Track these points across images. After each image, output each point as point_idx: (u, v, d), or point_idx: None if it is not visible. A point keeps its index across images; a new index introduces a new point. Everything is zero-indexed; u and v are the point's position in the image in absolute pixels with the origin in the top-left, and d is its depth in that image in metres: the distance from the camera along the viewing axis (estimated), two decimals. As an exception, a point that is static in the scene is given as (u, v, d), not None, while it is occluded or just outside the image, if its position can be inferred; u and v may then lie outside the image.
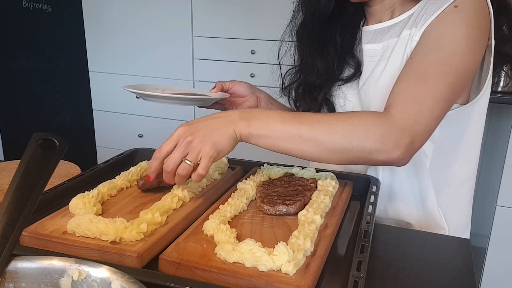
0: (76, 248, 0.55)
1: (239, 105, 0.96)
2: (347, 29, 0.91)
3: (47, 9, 2.49)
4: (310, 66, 0.93)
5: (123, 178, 0.75)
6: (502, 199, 1.87)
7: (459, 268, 0.60)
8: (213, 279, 0.50)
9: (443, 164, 0.86)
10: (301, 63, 0.97)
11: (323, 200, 0.67)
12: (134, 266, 0.53)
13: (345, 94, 0.92)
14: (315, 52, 0.92)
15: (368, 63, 0.88)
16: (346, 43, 0.91)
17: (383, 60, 0.85)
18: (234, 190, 0.72)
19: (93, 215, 0.60)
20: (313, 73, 0.93)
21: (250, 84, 0.97)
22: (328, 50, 0.92)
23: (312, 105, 0.95)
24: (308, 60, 0.93)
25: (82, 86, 2.68)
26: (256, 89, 0.98)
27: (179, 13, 2.38)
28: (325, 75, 0.92)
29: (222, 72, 2.38)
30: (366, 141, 0.67)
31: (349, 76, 0.91)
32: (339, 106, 0.93)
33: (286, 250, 0.51)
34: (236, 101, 0.96)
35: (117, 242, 0.55)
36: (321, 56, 0.92)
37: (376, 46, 0.88)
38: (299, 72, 0.98)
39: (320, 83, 0.93)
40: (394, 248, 0.67)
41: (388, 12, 0.88)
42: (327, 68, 0.92)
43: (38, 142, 0.50)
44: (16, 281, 0.44)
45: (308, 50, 0.93)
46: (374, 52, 0.87)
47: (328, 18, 0.89)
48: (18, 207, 0.45)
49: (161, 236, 0.58)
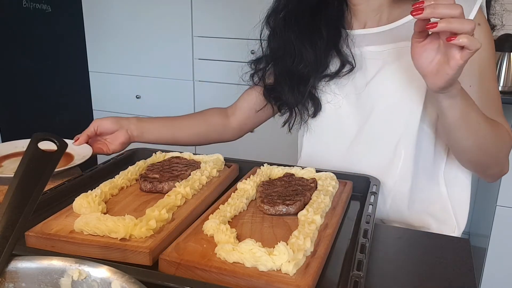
0: (85, 247, 0.56)
1: (110, 143, 0.97)
2: (331, 24, 0.90)
3: (47, 9, 2.49)
4: (297, 54, 0.91)
5: (123, 177, 0.75)
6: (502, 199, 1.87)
7: (459, 268, 0.60)
8: (213, 279, 0.50)
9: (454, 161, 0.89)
10: (284, 52, 0.93)
11: (323, 200, 0.67)
12: (146, 262, 0.54)
13: (333, 90, 0.91)
14: (305, 40, 0.90)
15: (372, 64, 0.88)
16: (332, 37, 0.89)
17: (390, 62, 0.85)
18: (234, 190, 0.72)
19: (100, 213, 0.61)
20: (300, 61, 0.91)
21: (113, 118, 0.98)
22: (315, 40, 0.90)
23: (299, 97, 0.93)
24: (296, 47, 0.91)
25: (82, 86, 2.68)
26: (122, 120, 0.99)
27: (179, 13, 2.38)
28: (314, 65, 0.90)
29: (222, 72, 2.38)
30: (500, 152, 0.78)
31: (336, 71, 0.89)
32: (325, 101, 0.92)
33: (286, 250, 0.51)
34: (106, 139, 0.98)
35: (127, 240, 0.56)
36: (311, 44, 0.90)
37: (379, 48, 0.87)
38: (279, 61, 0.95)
39: (308, 73, 0.91)
40: (394, 248, 0.67)
41: (375, 14, 0.89)
42: (315, 57, 0.90)
43: (38, 142, 0.50)
44: (16, 281, 0.44)
45: (297, 37, 0.91)
46: (378, 54, 0.87)
47: (313, 9, 0.90)
48: (18, 207, 0.45)
49: (169, 232, 0.59)
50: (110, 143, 0.97)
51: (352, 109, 0.90)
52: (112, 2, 2.49)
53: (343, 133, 0.92)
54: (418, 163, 0.86)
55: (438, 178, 0.89)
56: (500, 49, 2.02)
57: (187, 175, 0.76)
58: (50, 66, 2.58)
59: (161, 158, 0.87)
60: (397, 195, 0.87)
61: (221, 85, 2.38)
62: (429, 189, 0.89)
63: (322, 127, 0.94)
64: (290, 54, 0.92)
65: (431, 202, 0.89)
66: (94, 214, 0.60)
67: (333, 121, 0.93)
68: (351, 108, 0.90)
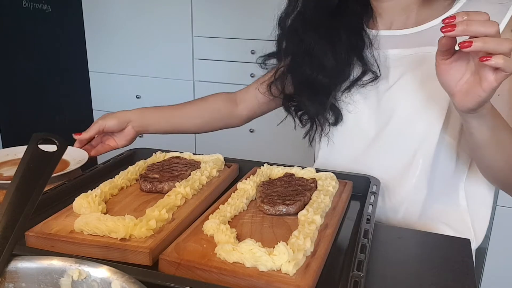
0: (85, 247, 0.56)
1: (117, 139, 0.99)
2: (352, 27, 0.85)
3: (47, 9, 2.49)
4: (316, 62, 0.85)
5: (123, 177, 0.75)
6: (502, 199, 1.87)
7: (459, 268, 0.60)
8: (213, 279, 0.50)
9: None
10: (302, 60, 0.88)
11: (323, 200, 0.67)
12: (146, 262, 0.54)
13: (354, 98, 0.86)
14: (324, 46, 0.84)
15: (395, 68, 0.83)
16: (354, 41, 0.84)
17: (414, 67, 0.80)
18: (234, 190, 0.72)
19: (100, 213, 0.61)
20: (320, 70, 0.85)
21: (115, 116, 0.98)
22: (335, 45, 0.84)
23: (320, 108, 0.88)
24: (315, 54, 0.85)
25: (82, 86, 2.68)
26: (125, 117, 0.99)
27: (179, 13, 2.38)
28: (335, 73, 0.85)
29: (222, 72, 2.38)
30: None
31: (357, 78, 0.84)
32: (346, 111, 0.88)
33: (286, 250, 0.51)
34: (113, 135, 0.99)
35: (127, 239, 0.56)
36: (332, 51, 0.84)
37: (405, 51, 0.82)
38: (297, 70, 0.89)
39: (329, 82, 0.85)
40: (394, 248, 0.67)
41: (402, 14, 0.83)
42: (337, 65, 0.84)
43: (38, 142, 0.50)
44: (16, 281, 0.44)
45: (316, 43, 0.85)
46: (402, 58, 0.82)
47: (331, 13, 0.85)
48: (18, 207, 0.45)
49: (169, 232, 0.59)
50: (117, 138, 0.99)
51: (372, 114, 0.86)
52: (112, 2, 2.49)
53: (360, 138, 0.88)
54: (435, 173, 0.82)
55: (458, 191, 0.85)
56: (500, 49, 2.01)
57: (187, 175, 0.76)
58: (50, 66, 2.58)
59: (161, 158, 0.87)
60: (411, 205, 0.83)
61: (221, 85, 2.38)
62: (446, 200, 0.84)
63: (340, 134, 0.91)
64: (309, 62, 0.87)
65: (447, 213, 0.84)
66: (94, 214, 0.60)
67: (352, 127, 0.89)
68: (370, 113, 0.86)
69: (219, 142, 1.88)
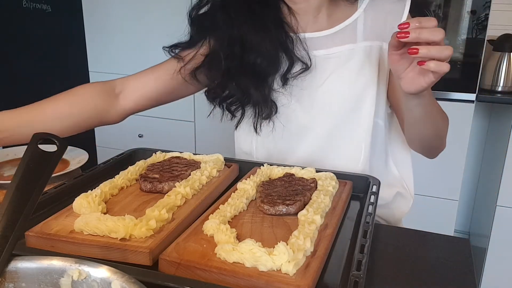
0: (85, 247, 0.56)
1: None
2: (277, 23, 0.89)
3: (47, 9, 2.49)
4: (254, 47, 0.88)
5: (123, 177, 0.75)
6: (502, 199, 1.87)
7: (459, 268, 0.60)
8: (213, 279, 0.50)
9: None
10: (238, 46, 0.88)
11: (323, 200, 0.67)
12: (146, 262, 0.54)
13: (289, 92, 0.91)
14: (259, 32, 0.87)
15: (324, 66, 0.90)
16: (281, 36, 0.88)
17: (341, 65, 0.89)
18: (234, 190, 0.72)
19: (100, 213, 0.61)
20: (257, 54, 0.87)
21: None
22: (268, 32, 0.88)
23: (263, 95, 0.90)
24: (253, 39, 0.87)
25: (82, 86, 2.68)
26: None
27: (179, 13, 2.38)
28: (271, 58, 0.88)
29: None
30: (446, 134, 0.87)
31: (290, 70, 0.89)
32: (280, 105, 0.92)
33: (286, 250, 0.51)
34: None
35: (127, 239, 0.56)
36: (267, 37, 0.87)
37: (329, 51, 0.90)
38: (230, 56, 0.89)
39: (268, 67, 0.88)
40: (394, 248, 0.67)
41: (316, 14, 0.90)
42: (274, 50, 0.87)
43: (38, 142, 0.50)
44: (16, 281, 0.44)
45: (250, 27, 0.87)
46: (330, 57, 0.90)
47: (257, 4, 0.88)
48: (18, 207, 0.45)
49: (169, 232, 0.59)
50: None
51: (307, 108, 0.92)
52: (112, 2, 2.49)
53: (295, 131, 0.94)
54: (375, 153, 0.93)
55: (390, 163, 0.98)
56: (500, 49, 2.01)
57: (187, 175, 0.76)
58: (50, 66, 2.58)
59: (161, 158, 0.87)
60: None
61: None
62: (386, 173, 0.97)
63: (277, 125, 0.94)
64: (247, 50, 0.88)
65: (390, 184, 0.96)
66: (94, 214, 0.60)
67: (286, 121, 0.94)
68: (304, 107, 0.92)
69: (219, 142, 1.88)
